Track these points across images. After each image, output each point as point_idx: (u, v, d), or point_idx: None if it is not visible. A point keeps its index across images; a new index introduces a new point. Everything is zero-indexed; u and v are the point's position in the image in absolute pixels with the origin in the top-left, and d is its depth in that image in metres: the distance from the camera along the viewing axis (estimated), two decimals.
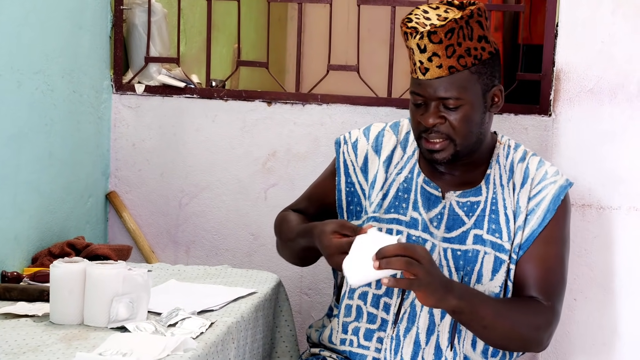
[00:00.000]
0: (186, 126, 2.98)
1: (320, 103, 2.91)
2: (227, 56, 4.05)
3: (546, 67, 2.74)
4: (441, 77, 2.01)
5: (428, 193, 2.14)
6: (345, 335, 2.15)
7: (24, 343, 1.82)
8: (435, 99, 2.03)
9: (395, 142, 2.21)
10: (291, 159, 2.93)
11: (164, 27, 3.09)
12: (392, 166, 2.19)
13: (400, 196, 2.15)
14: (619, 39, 2.54)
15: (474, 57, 2.02)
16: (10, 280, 2.28)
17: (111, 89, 3.00)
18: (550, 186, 2.13)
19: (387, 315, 2.11)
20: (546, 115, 2.74)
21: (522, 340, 2.05)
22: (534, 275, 2.09)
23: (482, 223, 2.11)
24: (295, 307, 2.87)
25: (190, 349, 1.80)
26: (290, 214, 2.29)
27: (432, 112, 2.04)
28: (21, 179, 2.47)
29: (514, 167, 2.16)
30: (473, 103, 2.04)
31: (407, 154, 2.20)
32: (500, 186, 2.14)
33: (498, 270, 2.08)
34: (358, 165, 2.22)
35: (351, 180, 2.22)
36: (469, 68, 2.02)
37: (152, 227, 3.02)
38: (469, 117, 2.04)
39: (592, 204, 2.57)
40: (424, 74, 2.02)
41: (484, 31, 2.04)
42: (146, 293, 1.97)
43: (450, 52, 2.00)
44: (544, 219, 2.10)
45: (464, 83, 2.02)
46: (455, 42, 1.99)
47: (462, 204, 2.12)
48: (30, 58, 2.49)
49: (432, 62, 2.01)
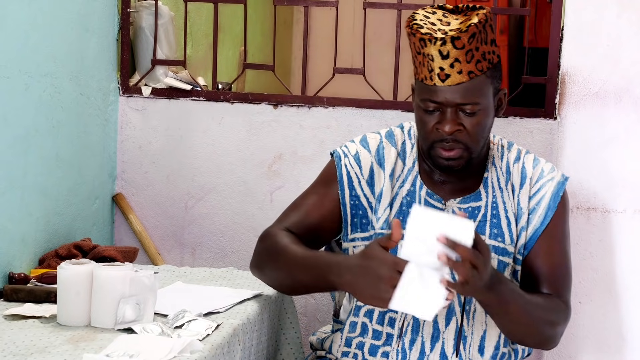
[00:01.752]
0: (192, 129, 2.99)
1: (326, 106, 2.92)
2: (234, 59, 4.06)
3: (551, 71, 2.74)
4: (461, 83, 1.97)
5: (432, 206, 2.11)
6: (349, 349, 2.13)
7: (32, 344, 1.83)
8: (454, 106, 1.99)
9: (395, 155, 2.16)
10: (297, 161, 2.94)
11: (170, 29, 3.10)
12: (394, 179, 2.14)
13: (404, 210, 2.11)
14: (624, 42, 2.54)
15: (489, 61, 2.00)
16: (17, 281, 2.29)
17: (118, 92, 3.01)
18: (548, 183, 2.14)
19: (392, 330, 2.09)
20: (551, 118, 2.74)
21: (541, 335, 2.05)
22: (542, 272, 2.11)
23: (484, 228, 2.10)
24: (300, 309, 2.87)
25: (197, 351, 1.81)
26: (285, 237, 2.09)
27: (450, 119, 1.99)
28: (28, 181, 2.48)
29: (510, 168, 2.15)
30: (487, 107, 2.02)
31: (407, 166, 2.15)
32: (499, 189, 2.13)
33: (502, 273, 2.08)
34: (364, 177, 2.14)
35: (356, 194, 2.14)
36: (485, 72, 1.99)
37: (159, 229, 3.03)
38: (483, 122, 2.02)
39: (597, 207, 2.58)
40: (444, 80, 1.97)
41: (494, 34, 2.03)
42: (153, 295, 1.97)
43: (470, 57, 1.96)
44: (546, 216, 2.12)
45: (482, 87, 1.99)
46: (474, 47, 1.96)
47: (464, 211, 2.10)
48: (38, 61, 2.50)
49: (454, 68, 1.96)
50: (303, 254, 2.02)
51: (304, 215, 2.15)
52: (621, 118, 2.56)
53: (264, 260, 2.11)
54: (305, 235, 2.12)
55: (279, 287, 2.14)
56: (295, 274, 2.03)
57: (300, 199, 2.20)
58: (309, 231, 2.13)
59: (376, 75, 3.10)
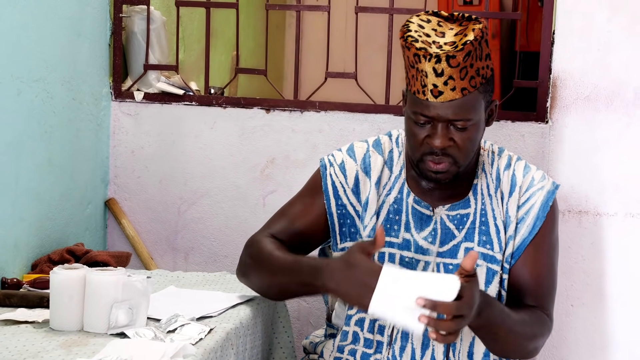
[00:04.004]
0: (185, 133, 2.99)
1: (318, 110, 2.92)
2: (226, 63, 4.06)
3: (543, 75, 2.75)
4: (454, 100, 1.95)
5: (420, 213, 2.10)
6: (341, 355, 2.13)
7: (24, 349, 1.83)
8: (445, 121, 1.97)
9: (382, 163, 2.15)
10: (289, 165, 2.94)
11: (162, 34, 3.10)
12: (380, 187, 2.14)
13: (391, 218, 2.11)
14: (614, 46, 2.55)
15: (482, 76, 1.98)
16: (10, 286, 2.29)
17: (110, 97, 3.01)
18: (538, 192, 2.11)
19: (382, 337, 2.09)
20: (543, 122, 2.75)
21: (524, 350, 2.05)
22: (527, 283, 2.09)
23: (472, 236, 2.09)
24: (293, 313, 2.87)
25: (190, 355, 1.81)
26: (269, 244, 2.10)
27: (441, 134, 1.98)
28: (21, 186, 2.48)
29: (500, 175, 2.13)
30: (479, 122, 2.00)
31: (394, 174, 2.14)
32: (489, 196, 2.11)
33: (491, 281, 2.07)
34: (349, 186, 2.14)
35: (342, 202, 2.14)
36: (477, 88, 1.97)
37: (151, 234, 3.03)
38: (474, 136, 2.00)
39: (588, 211, 2.59)
40: (437, 96, 1.95)
41: (488, 49, 2.00)
42: (145, 299, 1.97)
43: (464, 74, 1.94)
44: (534, 226, 2.09)
45: (474, 103, 1.97)
46: (469, 64, 1.94)
47: (452, 217, 2.09)
48: (30, 66, 2.50)
49: (448, 85, 1.94)
50: (286, 259, 2.03)
51: (289, 222, 2.16)
52: (612, 121, 2.57)
53: (249, 266, 2.12)
54: (291, 242, 2.13)
55: (265, 293, 2.14)
56: (280, 279, 2.04)
57: (287, 206, 2.21)
58: (294, 238, 2.14)
59: (368, 79, 3.11)
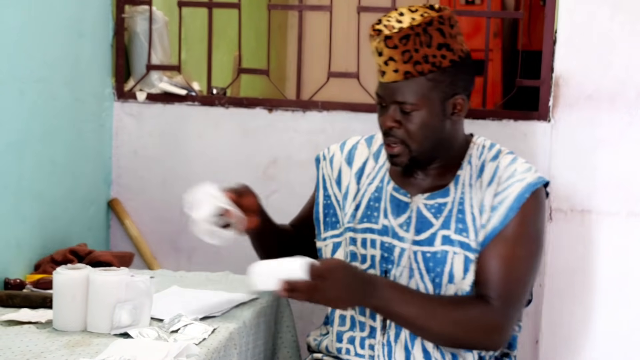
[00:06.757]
0: (187, 133, 2.99)
1: (320, 110, 2.92)
2: (228, 64, 4.06)
3: (545, 73, 2.75)
4: (397, 82, 2.04)
5: (397, 200, 2.14)
6: (341, 344, 2.16)
7: (27, 350, 1.83)
8: (392, 102, 2.06)
9: (367, 154, 2.24)
10: (292, 165, 2.94)
11: (165, 35, 3.11)
12: (364, 177, 2.21)
13: (372, 205, 2.17)
14: (616, 45, 2.55)
15: (432, 64, 2.02)
16: (13, 287, 2.29)
17: (113, 97, 3.01)
18: (516, 184, 2.07)
19: (375, 323, 2.11)
20: (545, 121, 2.75)
21: (457, 339, 2.02)
22: (488, 274, 2.04)
23: (449, 223, 2.08)
24: (296, 312, 2.86)
25: (193, 355, 1.81)
26: None
27: (388, 115, 2.07)
28: (23, 186, 2.48)
29: (484, 166, 2.12)
30: (430, 110, 2.04)
31: (379, 164, 2.21)
32: (469, 185, 2.11)
33: (469, 269, 2.05)
34: (333, 178, 2.25)
35: (328, 194, 2.25)
36: (425, 75, 2.02)
37: (154, 234, 3.03)
38: (425, 123, 2.05)
39: (591, 210, 2.59)
40: (382, 76, 2.06)
41: (445, 39, 2.03)
42: (149, 299, 1.98)
43: (407, 57, 2.01)
44: (506, 217, 2.05)
45: (420, 89, 2.03)
46: (412, 48, 2.01)
47: (430, 206, 2.11)
48: (32, 66, 2.51)
49: (389, 65, 2.03)
50: None
51: (300, 212, 2.38)
52: (614, 120, 2.57)
53: None
54: (302, 229, 2.33)
55: None
56: None
57: None
58: (303, 226, 2.33)
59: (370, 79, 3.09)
